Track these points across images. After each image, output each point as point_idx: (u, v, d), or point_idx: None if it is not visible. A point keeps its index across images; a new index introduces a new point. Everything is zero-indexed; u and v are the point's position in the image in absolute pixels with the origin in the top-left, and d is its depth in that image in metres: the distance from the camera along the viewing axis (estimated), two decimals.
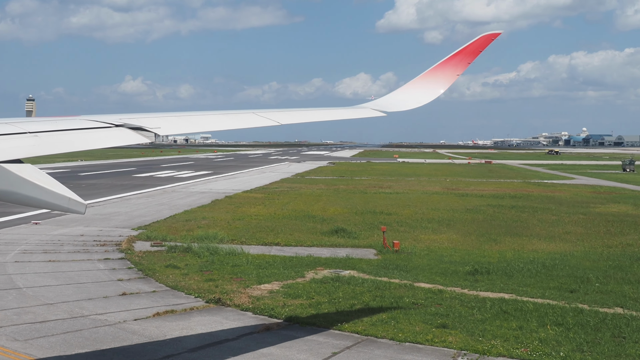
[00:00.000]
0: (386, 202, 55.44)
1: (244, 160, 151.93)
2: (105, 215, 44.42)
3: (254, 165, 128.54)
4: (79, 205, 8.98)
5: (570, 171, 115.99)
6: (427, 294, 23.20)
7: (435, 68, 15.42)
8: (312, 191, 66.30)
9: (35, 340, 17.90)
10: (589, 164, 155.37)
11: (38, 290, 23.49)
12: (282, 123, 13.30)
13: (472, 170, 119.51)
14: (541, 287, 24.71)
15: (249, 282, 24.97)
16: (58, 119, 11.24)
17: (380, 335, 18.52)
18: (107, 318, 20.13)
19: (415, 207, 51.96)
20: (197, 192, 64.70)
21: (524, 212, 49.01)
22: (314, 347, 17.54)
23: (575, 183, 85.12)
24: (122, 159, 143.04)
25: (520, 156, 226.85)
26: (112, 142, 10.56)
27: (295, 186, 73.13)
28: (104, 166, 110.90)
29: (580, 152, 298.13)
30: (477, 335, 18.42)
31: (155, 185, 71.06)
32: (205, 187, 71.04)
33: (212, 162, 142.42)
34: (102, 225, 40.07)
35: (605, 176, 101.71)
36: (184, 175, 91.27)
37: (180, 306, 21.61)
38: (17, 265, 27.78)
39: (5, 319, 19.78)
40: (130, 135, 10.84)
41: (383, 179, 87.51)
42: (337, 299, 22.34)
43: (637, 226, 42.02)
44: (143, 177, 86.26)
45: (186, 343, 17.80)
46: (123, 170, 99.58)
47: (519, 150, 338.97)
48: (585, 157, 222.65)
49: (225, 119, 13.01)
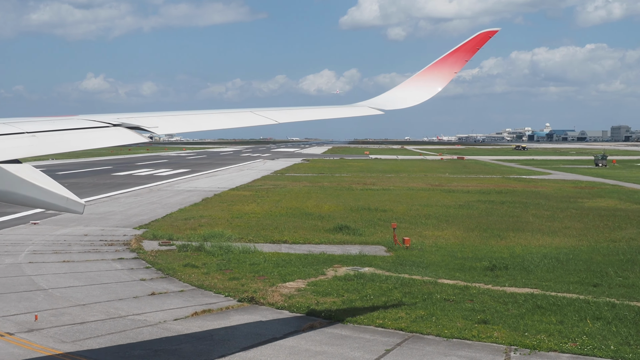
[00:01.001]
0: (377, 199, 55.61)
1: (217, 158, 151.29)
2: (101, 215, 44.03)
3: (229, 163, 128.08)
4: (77, 205, 8.99)
5: (543, 166, 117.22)
6: (454, 290, 23.37)
7: (432, 66, 15.50)
8: (298, 188, 66.28)
9: (82, 342, 17.76)
10: (560, 159, 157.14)
11: (64, 291, 23.27)
12: (279, 122, 13.35)
13: (448, 166, 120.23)
14: (562, 281, 25.01)
15: (273, 280, 24.94)
16: (56, 118, 11.23)
17: (426, 332, 18.64)
18: (146, 318, 20.01)
19: (407, 203, 52.19)
20: (184, 190, 64.36)
21: (516, 208, 49.50)
22: (365, 345, 17.61)
23: (553, 178, 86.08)
24: (93, 158, 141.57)
25: (489, 152, 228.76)
26: (111, 142, 10.59)
27: (279, 183, 73.05)
28: (79, 165, 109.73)
29: (547, 147, 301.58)
30: (521, 331, 18.61)
31: (138, 184, 70.56)
32: (190, 185, 70.69)
33: (186, 160, 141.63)
34: (102, 224, 39.73)
35: (580, 171, 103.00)
36: (164, 173, 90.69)
37: (214, 305, 21.54)
38: (32, 266, 27.47)
39: (44, 321, 19.58)
40: (128, 134, 10.87)
41: (363, 176, 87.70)
42: (368, 296, 22.42)
43: (631, 220, 42.63)
44: (123, 175, 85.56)
45: (236, 342, 17.77)
46: (100, 169, 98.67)
47: (486, 146, 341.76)
48: (552, 152, 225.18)
49: (223, 117, 13.04)
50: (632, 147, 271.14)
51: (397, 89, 15.95)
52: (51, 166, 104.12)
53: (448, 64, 15.39)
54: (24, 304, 21.53)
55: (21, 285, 24.17)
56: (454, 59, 15.38)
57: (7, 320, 19.58)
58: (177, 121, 12.17)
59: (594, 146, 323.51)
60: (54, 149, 9.78)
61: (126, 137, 10.84)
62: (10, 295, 22.59)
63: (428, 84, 15.42)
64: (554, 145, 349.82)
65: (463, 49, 15.36)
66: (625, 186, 71.80)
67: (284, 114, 13.76)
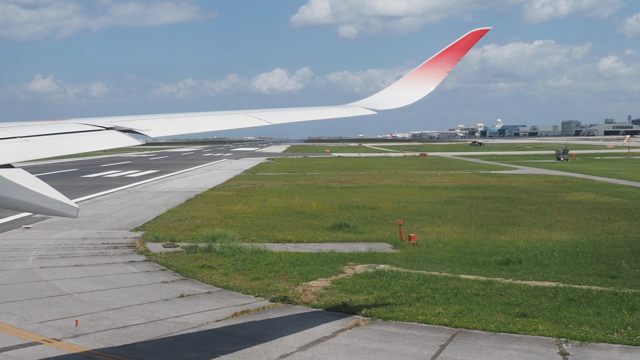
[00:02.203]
0: (360, 197, 55.85)
1: (180, 159, 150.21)
2: (91, 218, 43.52)
3: (195, 163, 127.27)
4: (71, 209, 9.02)
5: (507, 162, 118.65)
6: (479, 284, 23.65)
7: (424, 65, 15.68)
8: (277, 188, 66.24)
9: (133, 345, 17.62)
10: (520, 154, 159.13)
11: (91, 296, 23.03)
12: (273, 123, 13.44)
13: (414, 163, 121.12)
14: (579, 274, 25.44)
15: (296, 279, 24.97)
16: (48, 122, 11.25)
17: (471, 327, 18.86)
18: (187, 320, 19.92)
19: (392, 201, 52.49)
20: (163, 191, 63.88)
21: (501, 203, 50.11)
22: (418, 341, 17.77)
23: (522, 173, 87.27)
24: (55, 160, 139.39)
25: (447, 148, 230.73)
26: (103, 145, 10.62)
27: (255, 183, 72.92)
28: (44, 167, 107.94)
29: (502, 142, 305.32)
30: (563, 323, 18.93)
31: (113, 186, 69.83)
32: (166, 186, 70.17)
33: (150, 160, 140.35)
34: (95, 227, 39.30)
35: (545, 165, 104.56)
36: (134, 175, 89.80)
37: (249, 306, 21.51)
38: (46, 271, 27.11)
39: (85, 326, 19.37)
40: (121, 137, 10.92)
41: (335, 174, 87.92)
42: (398, 293, 22.58)
43: (617, 213, 43.42)
44: (93, 177, 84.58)
45: (290, 342, 17.80)
46: (67, 172, 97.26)
47: (442, 143, 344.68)
48: (508, 147, 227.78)
49: (216, 119, 13.13)
50: (584, 141, 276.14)
51: (390, 89, 16.10)
52: None
53: (440, 64, 15.57)
54: (55, 309, 21.26)
55: (43, 290, 23.84)
56: (446, 59, 15.56)
57: (47, 326, 19.33)
58: (170, 124, 12.22)
59: (546, 141, 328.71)
60: (46, 153, 9.77)
61: (119, 140, 10.89)
62: (37, 301, 22.28)
63: (420, 84, 15.61)
64: (508, 141, 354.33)
65: (454, 48, 15.54)
66: (595, 180, 73.08)
67: (277, 115, 13.83)
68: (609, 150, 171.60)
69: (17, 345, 17.63)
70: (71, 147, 10.25)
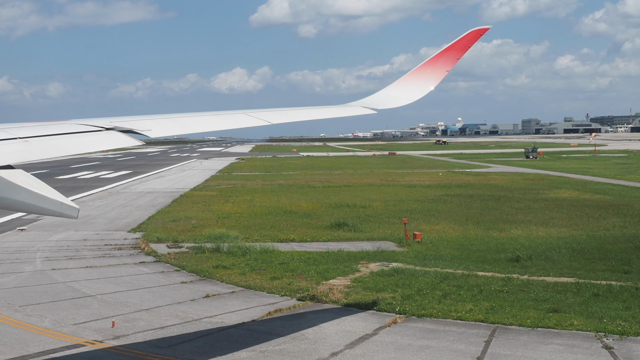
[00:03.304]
0: (347, 196, 55.99)
1: (149, 159, 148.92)
2: (82, 219, 43.03)
3: (166, 163, 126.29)
4: (72, 210, 9.04)
5: (477, 160, 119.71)
6: (498, 281, 23.94)
7: (425, 65, 15.84)
8: (260, 187, 66.16)
9: (180, 346, 17.60)
10: (488, 152, 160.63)
11: (115, 297, 22.89)
12: (273, 123, 13.56)
13: (386, 162, 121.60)
14: (591, 269, 25.88)
15: (315, 278, 25.06)
16: (48, 123, 11.30)
17: (507, 323, 19.14)
18: (222, 320, 19.92)
19: (379, 200, 52.71)
20: (144, 192, 63.44)
21: (488, 201, 50.61)
22: (461, 337, 17.98)
23: (497, 171, 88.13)
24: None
25: (413, 147, 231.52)
26: (104, 146, 10.71)
27: (235, 183, 72.72)
28: None
29: (465, 141, 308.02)
30: (596, 318, 19.30)
31: (92, 187, 69.20)
32: (146, 187, 69.68)
33: (118, 161, 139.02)
34: (90, 229, 38.99)
35: (516, 163, 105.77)
36: (109, 176, 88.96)
37: (278, 305, 21.56)
38: (59, 273, 26.88)
39: (121, 327, 19.27)
40: (121, 138, 10.98)
41: (313, 174, 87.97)
42: (423, 290, 22.77)
43: (605, 209, 44.11)
44: (67, 179, 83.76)
45: (334, 340, 17.90)
46: (39, 172, 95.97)
47: (406, 142, 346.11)
48: (473, 146, 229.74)
49: (217, 120, 13.21)
50: (546, 139, 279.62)
51: (390, 88, 16.20)
52: None
53: (440, 63, 15.71)
54: (84, 311, 21.12)
55: (64, 292, 23.65)
56: (446, 58, 15.68)
57: (84, 328, 19.21)
58: (170, 124, 12.28)
59: (508, 139, 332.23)
60: (46, 154, 9.81)
61: (119, 140, 10.94)
62: (62, 303, 22.10)
63: (421, 83, 15.74)
64: (471, 139, 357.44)
65: (454, 47, 15.65)
66: (571, 177, 74.17)
67: (277, 115, 13.92)
68: (573, 148, 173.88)
69: (61, 347, 17.53)
70: (72, 147, 10.28)
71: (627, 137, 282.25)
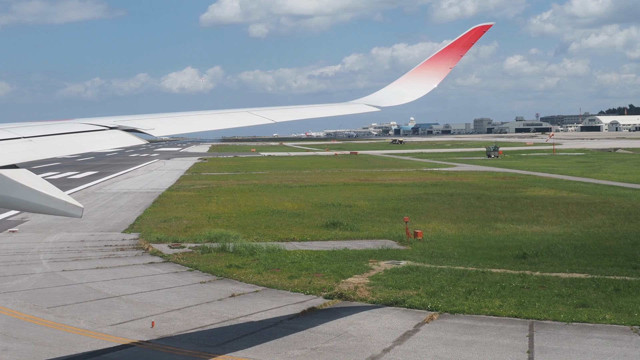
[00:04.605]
0: (327, 195, 56.26)
1: (110, 160, 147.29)
2: (69, 220, 42.48)
3: (129, 164, 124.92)
4: (76, 209, 9.00)
5: (440, 159, 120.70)
6: (513, 278, 24.39)
7: (428, 62, 16.10)
8: (236, 187, 66.10)
9: (227, 344, 17.70)
10: (448, 151, 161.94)
11: (140, 297, 22.86)
12: (276, 121, 13.74)
13: (350, 161, 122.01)
14: (599, 265, 26.53)
15: (333, 277, 25.27)
16: (52, 123, 11.38)
17: (542, 318, 19.59)
18: (260, 319, 20.07)
19: (362, 198, 53.09)
20: (120, 192, 62.96)
21: (470, 199, 51.31)
22: (502, 332, 18.39)
23: (465, 169, 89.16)
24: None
25: (370, 146, 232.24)
26: (107, 145, 10.80)
27: (208, 183, 72.44)
28: None
29: (421, 140, 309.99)
30: (625, 312, 19.87)
31: (63, 188, 67.85)
32: (120, 187, 69.12)
33: (80, 162, 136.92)
34: (81, 230, 38.67)
35: (479, 162, 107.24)
36: (77, 176, 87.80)
37: (307, 303, 21.74)
38: (72, 274, 26.73)
39: (161, 327, 19.31)
40: (125, 137, 11.05)
41: (283, 173, 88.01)
42: (445, 287, 23.15)
43: (587, 207, 45.06)
44: None
45: (379, 336, 18.18)
46: None
47: (361, 141, 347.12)
48: (429, 145, 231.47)
49: (220, 118, 13.30)
50: (499, 138, 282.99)
51: (393, 86, 16.44)
52: None
53: (443, 60, 15.97)
54: (116, 312, 21.07)
55: (86, 293, 23.54)
56: (449, 55, 15.94)
57: (124, 329, 19.19)
58: (174, 123, 12.36)
59: (462, 138, 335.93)
60: (50, 154, 9.82)
61: (123, 140, 11.00)
62: (89, 305, 22.01)
63: (424, 80, 15.99)
64: (426, 139, 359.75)
65: (457, 44, 15.93)
66: (540, 175, 75.45)
67: (281, 113, 14.10)
68: (530, 147, 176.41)
69: (110, 347, 17.50)
70: (75, 147, 10.31)
71: (579, 136, 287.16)
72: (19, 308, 21.60)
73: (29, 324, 19.78)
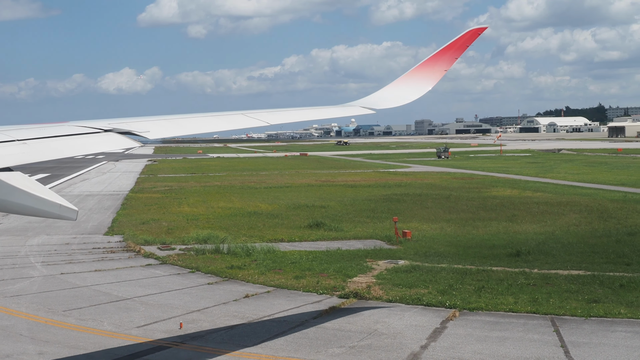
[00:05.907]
0: (296, 196, 56.41)
1: (56, 162, 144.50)
2: (44, 223, 41.95)
3: (79, 166, 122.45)
4: (71, 212, 9.07)
5: (392, 160, 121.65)
6: (516, 275, 24.95)
7: (422, 64, 16.35)
8: (201, 189, 65.79)
9: (263, 343, 17.80)
10: (396, 152, 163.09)
11: (153, 299, 22.79)
12: (271, 123, 13.97)
13: (304, 163, 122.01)
14: (593, 262, 27.31)
15: (338, 277, 25.51)
16: (47, 125, 11.48)
17: (560, 313, 20.13)
18: (285, 319, 20.16)
19: (331, 200, 53.33)
20: (83, 195, 62.19)
21: (439, 199, 52.00)
22: (528, 328, 18.87)
23: (421, 170, 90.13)
24: None
25: (317, 148, 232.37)
26: (102, 148, 10.88)
27: (170, 185, 71.92)
28: None
29: (366, 142, 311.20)
30: (637, 306, 20.54)
31: None
32: (80, 189, 68.24)
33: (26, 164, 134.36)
34: (60, 232, 38.12)
35: (432, 163, 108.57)
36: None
37: (324, 302, 21.96)
38: (73, 277, 26.45)
39: (189, 328, 19.30)
40: (119, 140, 11.19)
41: (242, 175, 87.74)
42: (454, 285, 23.58)
43: (557, 206, 46.13)
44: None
45: (413, 334, 18.47)
46: None
47: (305, 142, 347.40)
48: (375, 146, 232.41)
49: (215, 120, 13.41)
50: (441, 139, 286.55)
51: (388, 88, 16.60)
52: None
53: (438, 62, 16.18)
54: (134, 314, 20.97)
55: (96, 296, 23.34)
56: (444, 57, 16.15)
57: (153, 330, 19.15)
58: (169, 125, 12.49)
59: (405, 139, 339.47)
60: (45, 156, 9.88)
61: (117, 142, 11.12)
62: (105, 307, 21.85)
63: (419, 83, 16.19)
64: (370, 140, 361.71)
65: (452, 47, 16.13)
66: (496, 176, 76.70)
67: (276, 116, 14.32)
68: (476, 148, 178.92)
69: (149, 349, 17.47)
70: (70, 149, 10.35)
71: (520, 137, 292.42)
72: (35, 312, 21.34)
73: (52, 327, 19.57)
